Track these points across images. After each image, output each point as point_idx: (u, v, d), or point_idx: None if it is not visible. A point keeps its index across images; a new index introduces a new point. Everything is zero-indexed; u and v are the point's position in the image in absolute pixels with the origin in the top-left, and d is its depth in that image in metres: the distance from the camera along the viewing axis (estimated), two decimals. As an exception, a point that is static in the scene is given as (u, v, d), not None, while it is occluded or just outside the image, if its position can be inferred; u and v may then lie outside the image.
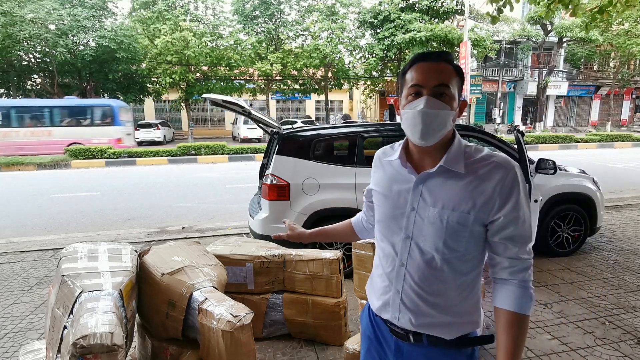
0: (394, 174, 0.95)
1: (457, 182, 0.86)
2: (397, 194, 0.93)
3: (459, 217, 0.85)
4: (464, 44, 14.62)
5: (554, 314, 2.53)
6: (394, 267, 0.93)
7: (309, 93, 22.11)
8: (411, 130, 0.86)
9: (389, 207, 0.94)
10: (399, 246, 0.92)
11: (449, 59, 0.87)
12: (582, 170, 3.82)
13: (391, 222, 0.93)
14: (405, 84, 0.88)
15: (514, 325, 0.83)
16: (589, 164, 9.99)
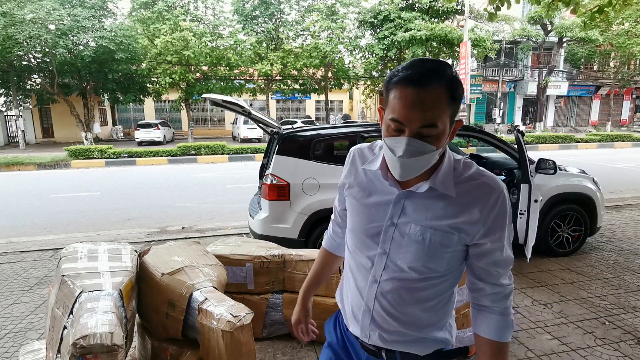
0: (373, 183, 0.87)
1: (444, 202, 0.80)
2: (375, 206, 0.85)
3: (443, 237, 0.79)
4: (464, 44, 14.62)
5: (554, 314, 2.52)
6: (366, 282, 0.86)
7: (309, 93, 22.11)
8: (390, 165, 0.79)
9: (364, 219, 0.86)
10: (373, 261, 0.85)
11: (443, 76, 0.72)
12: (582, 170, 3.82)
13: (367, 235, 0.86)
14: (388, 104, 0.76)
15: (496, 354, 0.83)
16: (589, 164, 9.99)
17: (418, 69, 0.72)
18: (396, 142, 0.74)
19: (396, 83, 0.73)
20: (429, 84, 0.71)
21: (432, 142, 0.74)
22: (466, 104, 15.10)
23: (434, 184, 0.79)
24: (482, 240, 0.80)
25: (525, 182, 3.10)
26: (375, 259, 0.85)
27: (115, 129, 23.82)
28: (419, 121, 0.72)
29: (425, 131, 0.73)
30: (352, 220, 0.90)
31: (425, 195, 0.81)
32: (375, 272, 0.85)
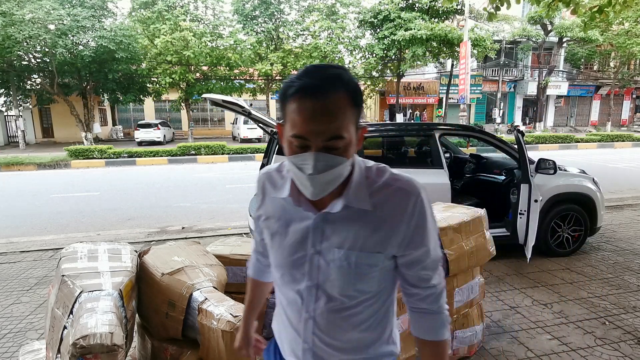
0: (288, 211, 0.80)
1: (363, 219, 0.75)
2: (295, 236, 0.78)
3: (368, 257, 0.75)
4: (464, 44, 14.62)
5: (554, 314, 2.52)
6: (300, 318, 0.81)
7: (309, 93, 22.05)
8: (300, 187, 0.72)
9: (287, 252, 0.79)
10: (303, 296, 0.79)
11: (342, 82, 0.66)
12: (582, 170, 3.83)
13: (292, 268, 0.79)
14: (286, 119, 0.68)
15: (437, 353, 0.82)
16: (589, 164, 10.00)
17: (315, 76, 0.66)
18: (302, 160, 0.67)
19: (293, 95, 0.66)
20: (329, 92, 0.65)
21: (341, 154, 0.68)
22: (466, 104, 15.09)
23: (347, 200, 0.74)
24: (408, 251, 0.77)
25: (525, 182, 3.10)
26: (305, 293, 0.79)
27: (115, 129, 23.82)
28: (324, 134, 0.65)
29: (332, 144, 0.66)
30: (275, 255, 0.83)
31: (342, 215, 0.75)
32: (307, 307, 0.79)
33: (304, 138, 0.66)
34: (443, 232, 1.91)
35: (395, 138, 4.23)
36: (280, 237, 0.81)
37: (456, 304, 1.97)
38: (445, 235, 1.91)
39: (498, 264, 3.37)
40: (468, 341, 2.05)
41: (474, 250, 1.98)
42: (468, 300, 2.03)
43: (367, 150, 3.50)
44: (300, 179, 0.70)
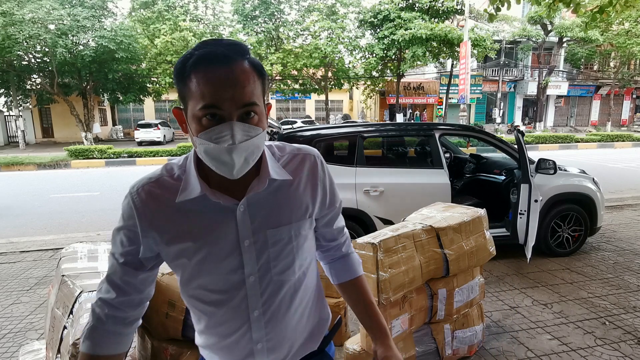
0: (202, 215, 0.70)
1: (286, 190, 0.74)
2: (221, 237, 0.70)
3: (301, 227, 0.76)
4: (464, 44, 14.62)
5: (554, 314, 2.52)
6: (245, 324, 0.74)
7: (309, 93, 22.10)
8: (217, 165, 0.65)
9: (216, 256, 0.70)
10: (246, 295, 0.73)
11: (243, 52, 0.63)
12: (582, 170, 3.82)
13: (226, 273, 0.71)
14: (190, 95, 0.63)
15: (363, 285, 0.91)
16: (589, 164, 9.99)
17: (216, 45, 0.62)
18: (218, 133, 0.61)
19: (196, 65, 0.61)
20: (235, 59, 0.62)
21: (257, 124, 0.65)
22: (466, 104, 15.08)
23: (272, 173, 0.71)
24: (328, 209, 0.83)
25: (525, 182, 3.10)
26: (248, 292, 0.72)
27: (115, 129, 23.82)
28: (239, 100, 0.61)
29: (247, 110, 0.63)
30: (200, 269, 0.72)
31: (267, 192, 0.72)
32: (254, 305, 0.73)
33: (216, 107, 0.61)
34: (443, 232, 1.91)
35: (395, 138, 4.23)
36: (202, 251, 0.70)
37: (456, 304, 1.97)
38: (445, 235, 1.91)
39: (498, 264, 3.37)
40: (468, 341, 2.05)
41: (474, 250, 1.98)
42: (468, 300, 2.03)
43: (367, 150, 3.50)
44: (217, 156, 0.63)
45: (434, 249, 1.88)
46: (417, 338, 1.92)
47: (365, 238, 1.77)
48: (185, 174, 0.71)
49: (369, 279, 1.69)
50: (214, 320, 0.75)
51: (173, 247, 0.71)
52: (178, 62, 0.64)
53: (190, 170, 0.71)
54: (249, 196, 0.71)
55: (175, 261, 0.73)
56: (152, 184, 0.71)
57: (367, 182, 3.13)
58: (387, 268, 1.69)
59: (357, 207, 3.10)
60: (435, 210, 2.20)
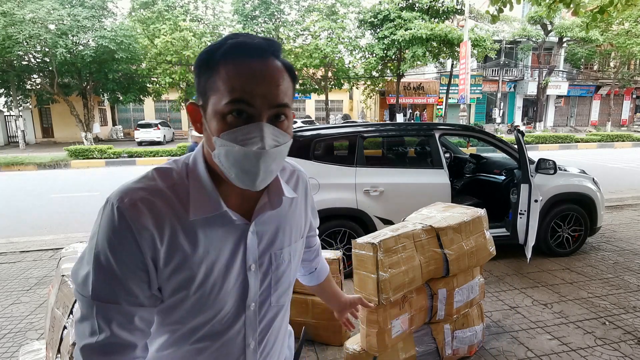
0: (216, 233, 0.60)
1: (290, 208, 0.70)
2: (230, 260, 0.61)
3: (299, 246, 0.73)
4: (464, 44, 14.61)
5: (554, 314, 2.52)
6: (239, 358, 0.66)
7: (309, 93, 22.10)
8: (238, 174, 0.55)
9: (223, 286, 0.61)
10: (245, 326, 0.65)
11: (278, 48, 0.56)
12: (582, 170, 3.82)
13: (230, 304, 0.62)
14: (215, 89, 0.54)
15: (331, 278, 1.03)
16: (589, 164, 9.99)
17: (249, 36, 0.55)
18: (246, 133, 0.53)
19: (227, 55, 0.53)
20: (270, 55, 0.55)
21: (286, 130, 0.57)
22: (466, 104, 15.08)
23: (286, 191, 0.66)
24: (314, 228, 0.89)
25: (525, 182, 3.10)
26: (247, 321, 0.65)
27: (115, 129, 23.81)
28: (273, 99, 0.54)
29: (279, 112, 0.55)
30: (197, 318, 0.61)
31: (273, 211, 0.66)
32: (251, 335, 0.66)
33: (246, 103, 0.52)
34: (443, 232, 1.91)
35: (395, 138, 4.23)
36: (208, 282, 0.59)
37: (456, 304, 1.97)
38: (445, 235, 1.91)
39: (498, 264, 3.37)
40: (468, 341, 2.05)
41: (474, 250, 1.98)
42: (468, 300, 2.03)
43: (367, 150, 3.50)
44: (240, 161, 0.54)
45: (434, 249, 1.88)
46: (417, 338, 1.92)
47: (365, 238, 1.77)
48: (192, 183, 0.59)
49: (369, 279, 1.69)
50: (202, 358, 0.64)
51: (174, 279, 0.58)
52: (203, 52, 0.55)
53: (200, 178, 0.59)
54: (264, 214, 0.64)
55: (172, 297, 0.59)
56: (146, 193, 0.56)
57: (367, 182, 3.12)
58: (387, 268, 1.69)
59: (357, 207, 3.10)
60: (435, 210, 2.20)
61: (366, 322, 1.75)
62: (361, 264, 1.74)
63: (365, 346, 1.77)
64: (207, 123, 0.56)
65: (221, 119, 0.54)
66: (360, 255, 1.74)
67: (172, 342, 0.64)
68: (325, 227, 3.09)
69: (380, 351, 1.74)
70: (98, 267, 0.55)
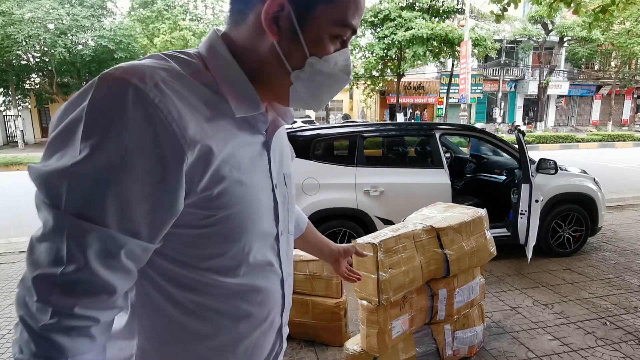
0: (252, 138, 0.54)
1: (284, 133, 0.68)
2: (262, 175, 0.56)
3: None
4: (464, 44, 14.60)
5: (555, 315, 2.51)
6: (278, 286, 0.60)
7: (309, 92, 22.08)
8: (316, 91, 0.53)
9: (261, 205, 0.54)
10: (278, 251, 0.60)
11: None
12: (583, 170, 3.81)
13: (267, 230, 0.56)
14: (332, 10, 0.49)
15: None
16: (590, 163, 9.98)
17: None
18: (346, 60, 0.54)
19: None
20: None
21: None
22: (467, 103, 15.07)
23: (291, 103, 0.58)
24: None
25: (526, 182, 3.09)
26: (280, 251, 0.60)
27: (115, 128, 23.81)
28: (357, 28, 0.54)
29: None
30: (236, 220, 0.51)
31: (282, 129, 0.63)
32: (286, 269, 0.62)
33: (354, 32, 0.53)
34: (443, 232, 1.90)
35: (396, 138, 4.22)
36: (248, 196, 0.51)
37: (457, 305, 1.96)
38: (445, 235, 1.90)
39: (499, 264, 3.36)
40: (469, 342, 2.04)
41: (474, 251, 1.97)
42: (469, 301, 2.02)
43: (367, 150, 3.49)
44: (333, 79, 0.53)
45: (435, 249, 1.87)
46: (417, 338, 1.91)
47: (366, 238, 1.76)
48: (218, 74, 0.51)
49: (369, 279, 1.68)
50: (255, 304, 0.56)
51: (217, 188, 0.48)
52: None
53: (230, 71, 0.52)
54: (278, 128, 0.59)
55: (208, 219, 0.49)
56: (171, 77, 0.46)
57: (367, 182, 3.12)
58: (387, 268, 1.68)
59: (357, 207, 3.09)
60: (435, 210, 2.19)
61: (366, 323, 1.74)
62: (361, 264, 1.73)
63: (366, 347, 1.76)
64: (302, 34, 0.49)
65: (329, 40, 0.52)
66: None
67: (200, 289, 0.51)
68: (325, 227, 3.08)
69: (380, 352, 1.74)
70: (88, 164, 0.40)
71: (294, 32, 0.50)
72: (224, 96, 0.51)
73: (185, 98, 0.46)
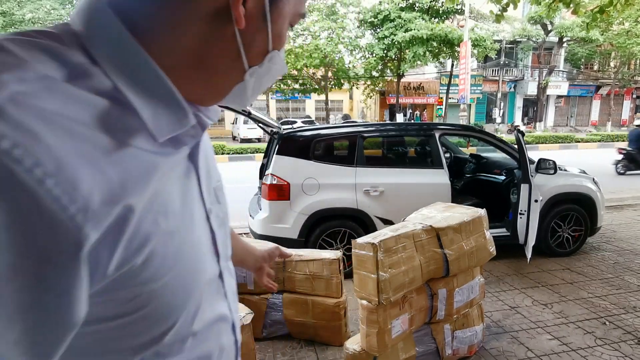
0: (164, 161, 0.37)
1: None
2: (194, 202, 0.42)
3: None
4: (464, 44, 14.61)
5: (555, 314, 2.52)
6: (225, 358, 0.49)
7: (309, 93, 22.11)
8: (259, 88, 0.43)
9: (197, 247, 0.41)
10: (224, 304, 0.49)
11: None
12: (583, 170, 3.82)
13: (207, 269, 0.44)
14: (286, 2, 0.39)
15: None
16: (589, 164, 9.98)
17: None
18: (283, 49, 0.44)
19: None
20: None
21: None
22: (466, 104, 15.09)
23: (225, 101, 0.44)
24: None
25: (525, 182, 3.10)
26: (225, 283, 0.49)
27: (115, 128, 23.79)
28: None
29: None
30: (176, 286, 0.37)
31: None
32: (232, 303, 0.51)
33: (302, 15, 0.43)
34: (443, 232, 1.91)
35: (396, 138, 4.23)
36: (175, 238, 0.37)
37: (456, 304, 1.97)
38: (445, 235, 1.91)
39: (498, 264, 3.37)
40: (468, 341, 2.05)
41: (474, 250, 1.98)
42: (468, 301, 2.03)
43: (367, 150, 3.50)
44: (273, 77, 0.44)
45: (434, 249, 1.88)
46: (417, 338, 1.92)
47: (365, 238, 1.77)
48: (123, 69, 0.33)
49: (369, 279, 1.69)
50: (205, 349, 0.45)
51: (141, 256, 0.33)
52: None
53: (142, 68, 0.34)
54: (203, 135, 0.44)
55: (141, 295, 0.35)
56: (31, 90, 0.27)
57: (367, 182, 3.12)
58: (387, 268, 1.68)
59: (357, 207, 3.10)
60: (435, 210, 2.20)
61: (366, 322, 1.75)
62: (361, 264, 1.74)
63: (365, 346, 1.77)
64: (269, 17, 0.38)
65: (282, 29, 0.41)
66: (360, 255, 1.74)
67: None
68: (325, 227, 3.09)
69: (380, 351, 1.74)
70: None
71: (264, 20, 0.38)
72: (128, 105, 0.33)
73: (64, 126, 0.27)
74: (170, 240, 0.36)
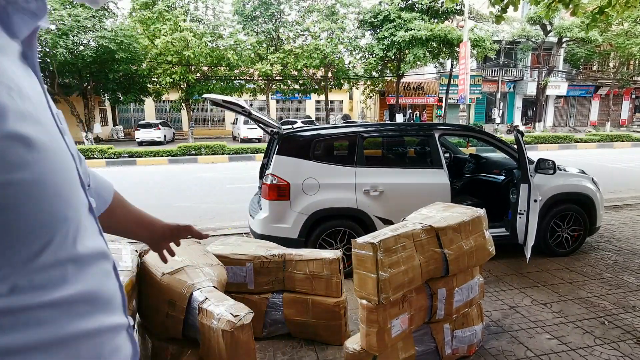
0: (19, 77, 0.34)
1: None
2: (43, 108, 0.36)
3: None
4: (463, 44, 14.63)
5: (554, 314, 2.53)
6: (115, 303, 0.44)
7: (309, 93, 22.12)
8: None
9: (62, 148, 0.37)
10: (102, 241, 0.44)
11: None
12: (582, 170, 3.83)
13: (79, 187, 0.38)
14: None
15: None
16: (589, 164, 10.00)
17: None
18: None
19: None
20: None
21: None
22: (466, 104, 15.10)
23: None
24: None
25: (524, 182, 3.11)
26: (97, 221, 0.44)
27: (116, 129, 23.82)
28: None
29: None
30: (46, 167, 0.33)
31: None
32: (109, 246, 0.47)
33: None
34: (443, 232, 1.92)
35: (395, 138, 4.24)
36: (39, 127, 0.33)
37: (456, 304, 1.98)
38: (444, 235, 1.92)
39: (498, 263, 3.37)
40: (467, 341, 2.06)
41: (473, 250, 1.99)
42: (468, 300, 2.03)
43: (367, 150, 3.51)
44: None
45: (434, 248, 1.88)
46: (416, 337, 1.93)
47: (365, 238, 1.78)
48: None
49: (369, 279, 1.70)
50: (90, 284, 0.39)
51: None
52: None
53: None
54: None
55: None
56: None
57: (367, 182, 3.13)
58: (387, 268, 1.69)
59: (357, 207, 3.11)
60: (434, 210, 2.20)
61: (366, 322, 1.75)
62: (361, 263, 1.74)
63: (365, 345, 1.78)
64: None
65: None
66: (360, 255, 1.75)
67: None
68: (325, 227, 3.10)
69: (380, 350, 1.75)
70: None
71: None
72: None
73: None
74: (33, 126, 0.30)
